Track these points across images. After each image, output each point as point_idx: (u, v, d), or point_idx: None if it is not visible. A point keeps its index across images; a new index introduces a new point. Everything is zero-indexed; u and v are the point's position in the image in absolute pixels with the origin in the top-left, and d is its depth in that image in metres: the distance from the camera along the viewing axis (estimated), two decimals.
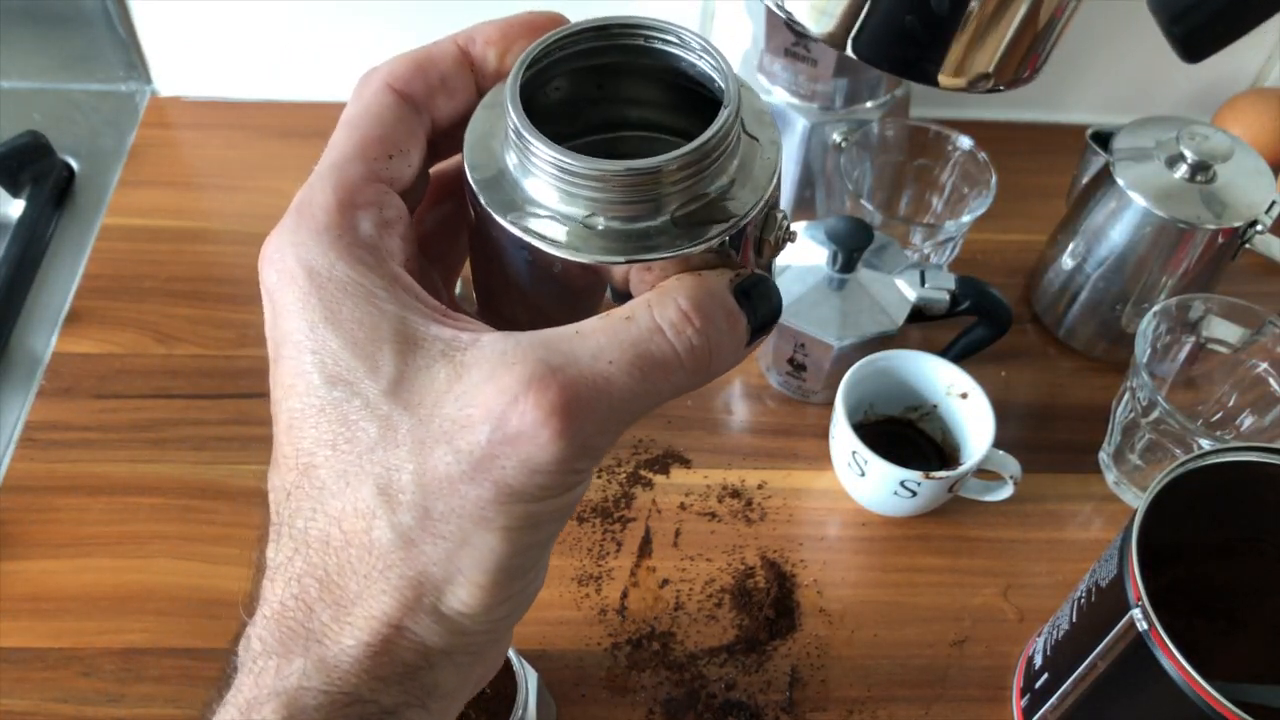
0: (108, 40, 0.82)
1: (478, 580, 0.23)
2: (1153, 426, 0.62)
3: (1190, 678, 0.42)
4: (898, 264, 0.67)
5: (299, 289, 0.24)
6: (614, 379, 0.23)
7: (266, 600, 0.24)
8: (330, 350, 0.24)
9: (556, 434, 0.22)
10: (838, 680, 0.58)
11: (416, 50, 0.28)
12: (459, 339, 0.24)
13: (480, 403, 0.23)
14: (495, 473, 0.22)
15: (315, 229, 0.25)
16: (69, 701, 0.55)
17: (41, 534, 0.61)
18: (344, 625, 0.23)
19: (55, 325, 0.72)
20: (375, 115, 0.26)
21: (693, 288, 0.24)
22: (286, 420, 0.24)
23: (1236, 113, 0.84)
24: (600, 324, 0.24)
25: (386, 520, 0.23)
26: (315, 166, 0.26)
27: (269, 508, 0.25)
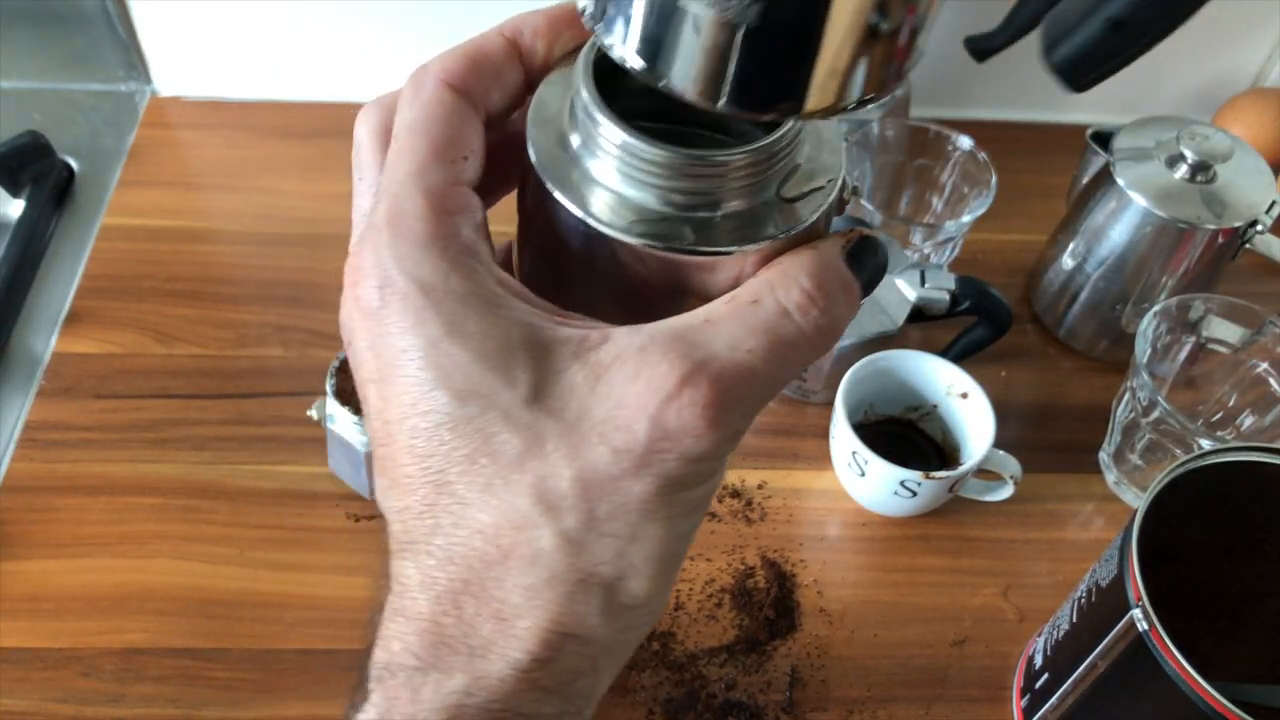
0: (107, 40, 0.82)
1: (648, 571, 0.24)
2: (1153, 426, 0.62)
3: (1190, 678, 0.42)
4: (898, 264, 0.67)
5: (412, 305, 0.24)
6: (755, 367, 0.24)
7: (412, 617, 0.24)
8: (459, 365, 0.23)
9: (711, 424, 0.23)
10: (838, 680, 0.58)
11: (466, 45, 0.27)
12: (588, 338, 0.24)
13: (631, 402, 0.23)
14: (656, 467, 0.23)
15: (417, 241, 0.24)
16: (69, 701, 0.55)
17: (41, 534, 0.61)
18: (509, 638, 0.23)
19: (55, 325, 0.72)
20: (441, 117, 0.26)
21: (812, 265, 0.25)
22: (408, 440, 0.24)
23: (1237, 113, 0.84)
24: (728, 310, 0.24)
25: (550, 528, 0.23)
26: (387, 174, 0.25)
27: (389, 528, 0.25)
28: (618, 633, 0.24)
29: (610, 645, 0.25)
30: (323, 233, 0.77)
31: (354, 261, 0.25)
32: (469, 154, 0.26)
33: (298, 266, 0.75)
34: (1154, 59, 0.88)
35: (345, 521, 0.63)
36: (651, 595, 0.24)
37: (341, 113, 0.86)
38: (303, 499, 0.63)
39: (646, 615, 0.25)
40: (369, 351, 0.24)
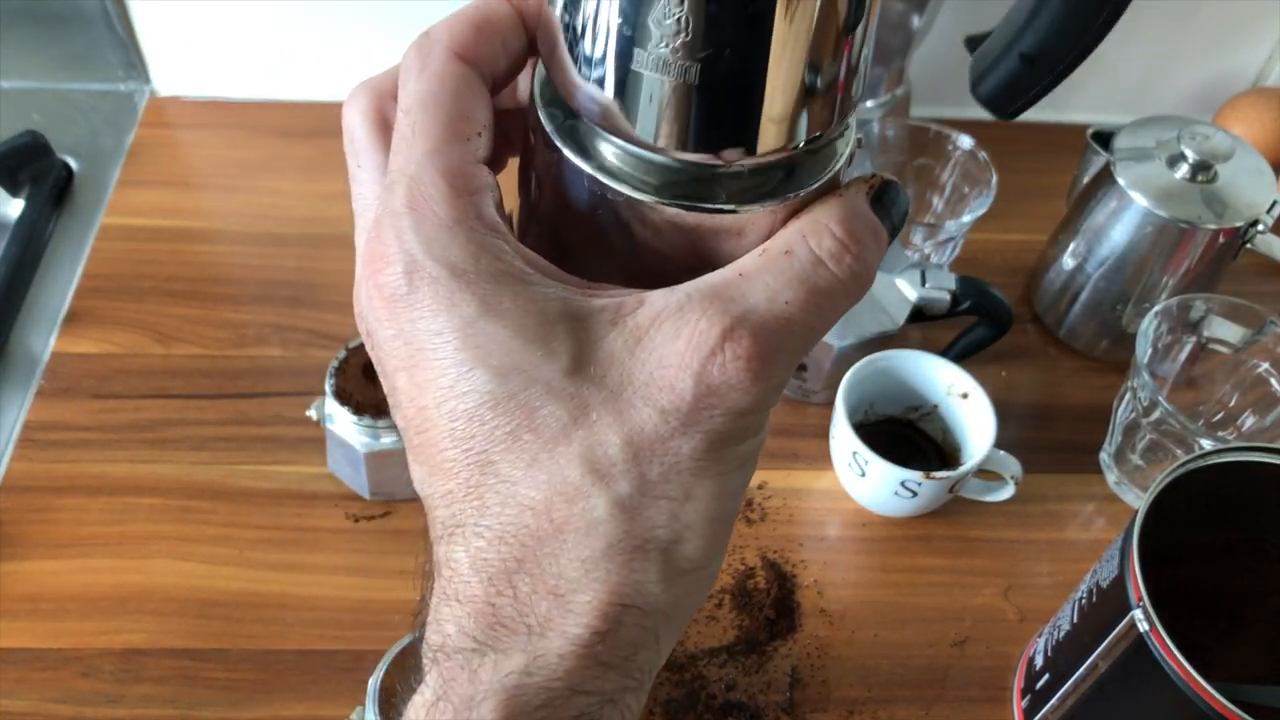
0: (107, 40, 0.82)
1: (704, 531, 0.24)
2: (1154, 427, 0.62)
3: (1191, 678, 0.42)
4: (898, 264, 0.67)
5: (443, 289, 0.23)
6: (793, 317, 0.24)
7: (465, 600, 0.23)
8: (497, 342, 0.23)
9: (756, 377, 0.23)
10: (838, 681, 0.58)
11: (471, 12, 0.26)
12: (624, 305, 0.24)
13: (673, 362, 0.23)
14: (705, 424, 0.23)
15: (442, 224, 0.24)
16: (68, 702, 0.55)
17: (40, 534, 0.61)
18: (567, 614, 0.23)
19: (54, 325, 0.72)
20: (454, 91, 0.25)
21: (842, 212, 0.25)
22: (447, 424, 0.23)
23: (1237, 112, 0.84)
24: (762, 262, 0.24)
25: (603, 496, 0.23)
26: (398, 155, 0.25)
27: (430, 512, 0.25)
28: (677, 599, 0.24)
29: (670, 613, 0.24)
30: (322, 233, 0.77)
31: (373, 248, 0.24)
32: (481, 129, 0.25)
33: (297, 266, 0.75)
34: (1155, 59, 0.88)
35: (344, 521, 0.63)
36: (709, 557, 0.24)
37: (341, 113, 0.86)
38: (302, 499, 0.63)
39: (704, 578, 0.25)
40: (397, 339, 0.24)
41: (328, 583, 0.60)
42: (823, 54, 0.23)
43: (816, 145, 0.25)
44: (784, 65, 0.23)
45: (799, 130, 0.24)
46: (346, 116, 0.27)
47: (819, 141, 0.25)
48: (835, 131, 0.26)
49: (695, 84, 0.23)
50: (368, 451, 0.60)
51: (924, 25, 0.74)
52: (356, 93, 0.27)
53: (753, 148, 0.24)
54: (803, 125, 0.24)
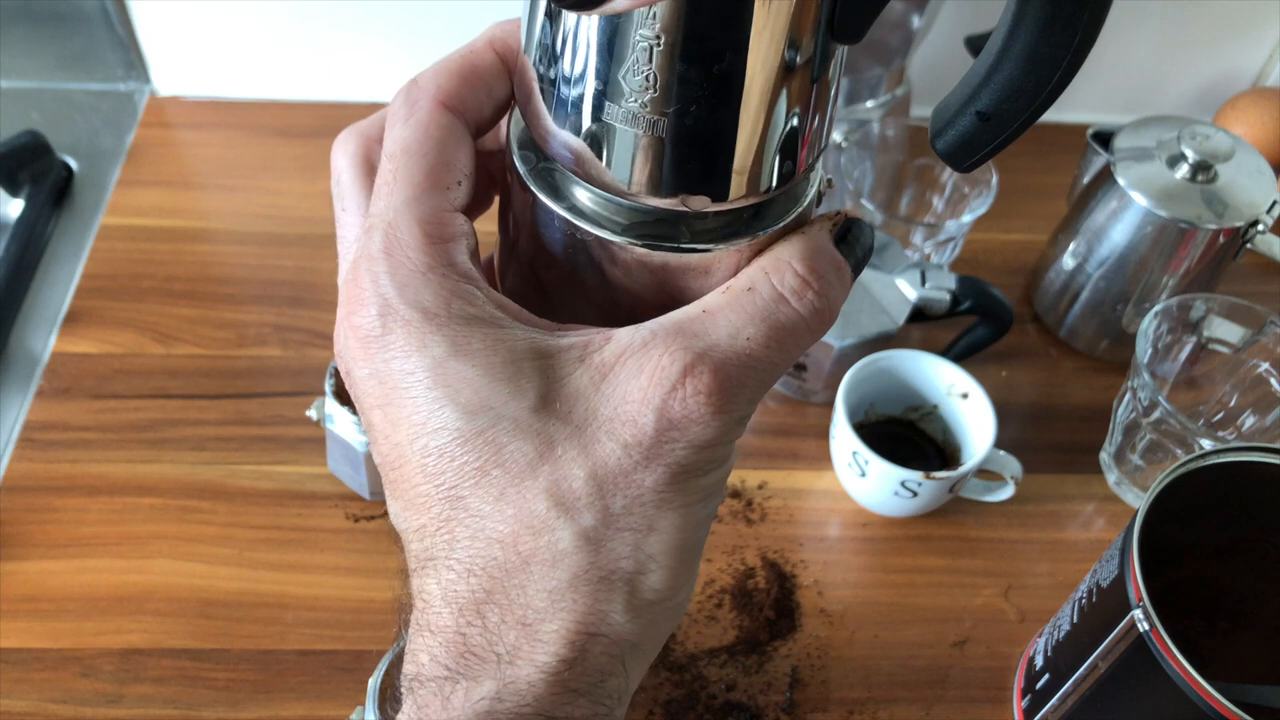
0: (107, 39, 0.82)
1: (667, 563, 0.24)
2: (1154, 427, 0.62)
3: (1191, 678, 0.42)
4: (898, 264, 0.67)
5: (415, 331, 0.24)
6: (755, 352, 0.24)
7: (436, 630, 0.24)
8: (466, 381, 0.24)
9: (717, 411, 0.24)
10: (838, 681, 0.58)
11: (458, 61, 0.27)
12: (591, 342, 0.24)
13: (636, 397, 0.23)
14: (666, 457, 0.24)
15: (415, 269, 0.24)
16: (68, 702, 0.55)
17: (40, 534, 0.61)
18: (535, 642, 0.24)
19: (54, 325, 0.72)
20: (437, 140, 0.26)
21: (804, 249, 0.25)
22: (419, 459, 0.24)
23: (1238, 112, 0.84)
24: (725, 300, 0.25)
25: (568, 528, 0.23)
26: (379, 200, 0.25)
27: (405, 546, 0.25)
28: (643, 629, 0.25)
29: (637, 643, 0.25)
30: (322, 233, 0.77)
31: (350, 291, 0.25)
32: (461, 178, 0.26)
33: (297, 266, 0.75)
34: (1155, 59, 0.88)
35: (344, 521, 0.63)
36: (673, 588, 0.25)
37: (341, 113, 0.86)
38: (302, 499, 0.63)
39: (670, 611, 0.25)
40: (372, 379, 0.25)
41: (328, 583, 0.60)
42: (788, 108, 0.24)
43: (783, 190, 0.26)
44: (749, 120, 0.24)
45: (765, 179, 0.25)
46: (334, 159, 0.28)
47: (785, 186, 0.26)
48: (801, 176, 0.26)
49: (664, 136, 0.23)
50: (368, 451, 0.60)
51: (924, 25, 0.74)
52: (344, 137, 0.28)
53: (720, 196, 0.25)
54: (769, 174, 0.25)
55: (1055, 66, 0.22)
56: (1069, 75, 0.23)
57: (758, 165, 0.24)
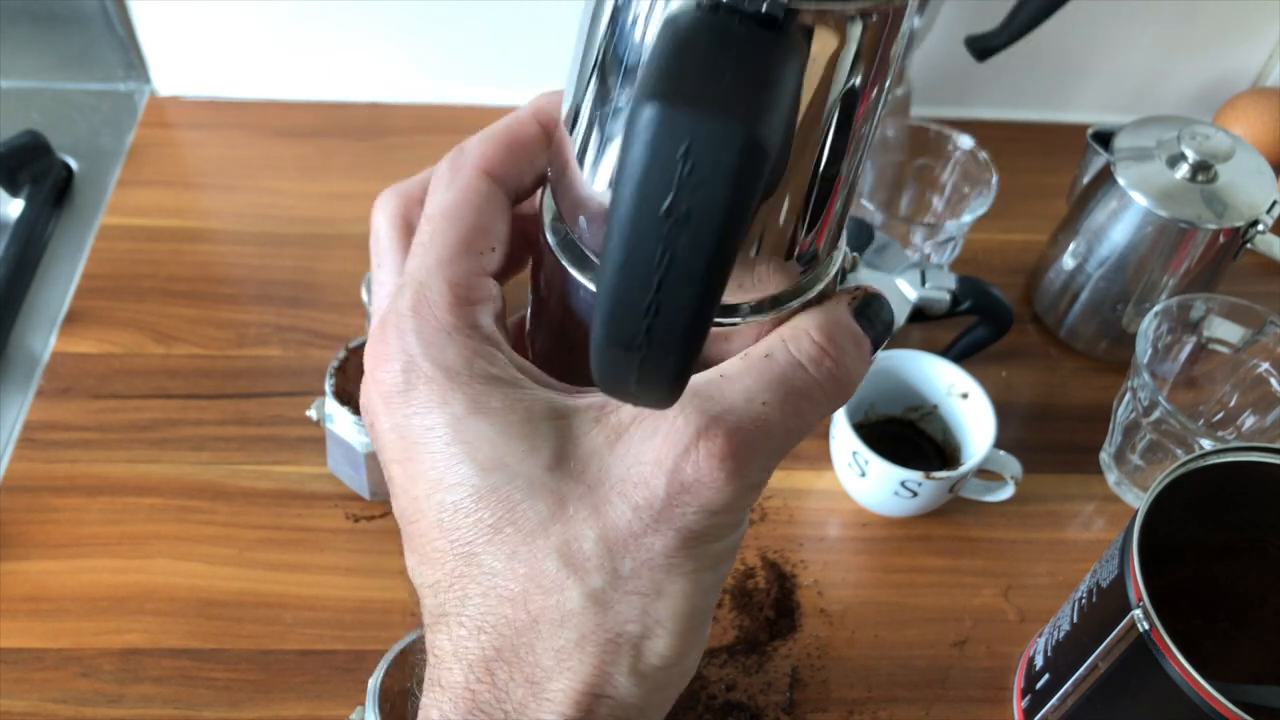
0: (107, 39, 0.82)
1: (674, 628, 0.24)
2: (1154, 427, 0.62)
3: (1191, 678, 0.42)
4: (898, 264, 0.67)
5: (437, 388, 0.24)
6: (770, 418, 0.24)
7: (447, 686, 0.24)
8: (484, 438, 0.24)
9: (730, 476, 0.23)
10: (838, 681, 0.58)
11: (503, 130, 0.28)
12: (607, 404, 0.25)
13: (649, 458, 0.23)
14: (677, 520, 0.23)
15: (440, 329, 0.25)
16: (68, 702, 0.55)
17: (40, 534, 0.61)
18: (542, 701, 0.24)
19: (54, 325, 0.72)
20: (475, 206, 0.26)
21: (822, 320, 0.26)
22: (436, 514, 0.24)
23: (1238, 112, 0.84)
24: (742, 366, 0.25)
25: (577, 589, 0.23)
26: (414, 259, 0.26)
27: (421, 602, 0.26)
28: (648, 693, 0.25)
29: (643, 707, 0.25)
30: (322, 232, 0.77)
31: (376, 346, 0.25)
32: (496, 244, 0.27)
33: (297, 266, 0.75)
34: (1155, 58, 0.88)
35: (344, 521, 0.63)
36: (680, 654, 0.25)
37: (341, 113, 0.86)
38: (302, 499, 0.63)
39: (676, 676, 0.25)
40: (393, 433, 0.25)
41: (328, 583, 0.60)
42: (811, 204, 0.24)
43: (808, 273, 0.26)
44: (775, 216, 0.24)
45: (789, 274, 0.25)
46: (375, 218, 0.29)
47: (808, 271, 0.26)
48: (824, 259, 0.26)
49: None
50: (368, 451, 0.60)
51: (924, 25, 0.74)
52: (386, 196, 0.29)
53: (743, 284, 0.25)
54: (793, 270, 0.25)
55: None
56: None
57: (782, 254, 0.25)
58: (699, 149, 0.18)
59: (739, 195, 0.18)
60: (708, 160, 0.18)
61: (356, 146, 0.83)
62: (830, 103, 0.22)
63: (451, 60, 0.85)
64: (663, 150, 0.18)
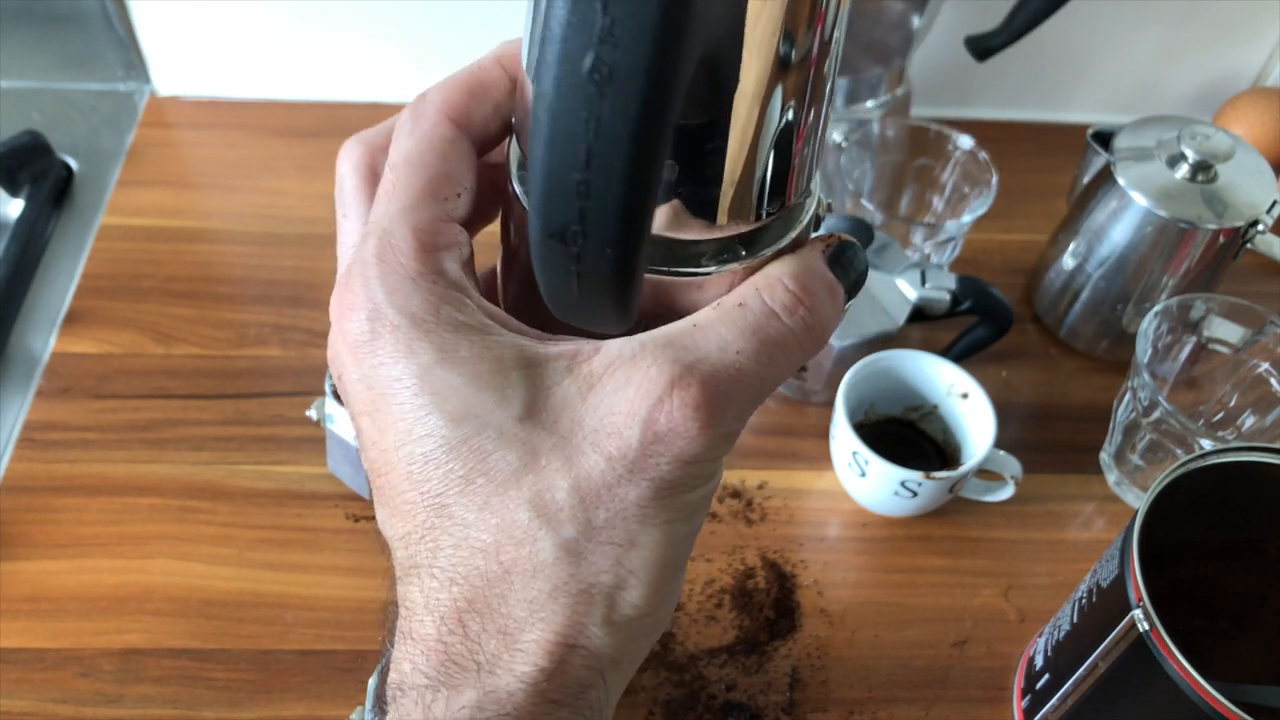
0: (106, 39, 0.82)
1: (647, 579, 0.24)
2: (1154, 427, 0.62)
3: (1191, 678, 0.42)
4: (898, 264, 0.67)
5: (403, 336, 0.24)
6: (744, 367, 0.24)
7: (418, 639, 0.24)
8: (453, 388, 0.24)
9: (703, 426, 0.23)
10: (838, 681, 0.58)
11: (466, 76, 0.27)
12: (580, 352, 0.24)
13: (622, 409, 0.23)
14: (650, 471, 0.23)
15: (406, 276, 0.25)
16: (68, 702, 0.55)
17: (40, 534, 0.61)
18: (515, 652, 0.23)
19: (54, 325, 0.72)
20: (439, 152, 0.26)
21: (796, 268, 0.25)
22: (405, 466, 0.24)
23: (1238, 112, 0.84)
24: (715, 315, 0.25)
25: (550, 539, 0.23)
26: (378, 207, 0.26)
27: (391, 554, 0.25)
28: (621, 643, 0.24)
29: (616, 658, 0.24)
30: (322, 233, 0.77)
31: (342, 296, 0.25)
32: (461, 190, 0.26)
33: (297, 266, 0.75)
34: (1155, 58, 0.88)
35: (345, 521, 0.63)
36: (653, 604, 0.24)
37: (341, 113, 0.86)
38: (302, 499, 0.63)
39: (649, 626, 0.25)
40: (361, 384, 0.25)
41: (328, 583, 0.60)
42: (781, 139, 0.24)
43: (777, 216, 0.26)
44: (741, 151, 0.23)
45: (758, 207, 0.25)
46: (339, 166, 0.29)
47: (778, 214, 0.26)
48: (795, 202, 0.26)
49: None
50: None
51: (924, 25, 0.74)
52: (349, 144, 0.29)
53: (713, 223, 0.25)
54: (762, 202, 0.25)
55: None
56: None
57: (750, 194, 0.24)
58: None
59: (663, 49, 0.18)
60: (627, 11, 0.17)
61: None
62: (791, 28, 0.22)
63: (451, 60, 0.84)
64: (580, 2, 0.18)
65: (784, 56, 0.22)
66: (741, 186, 0.24)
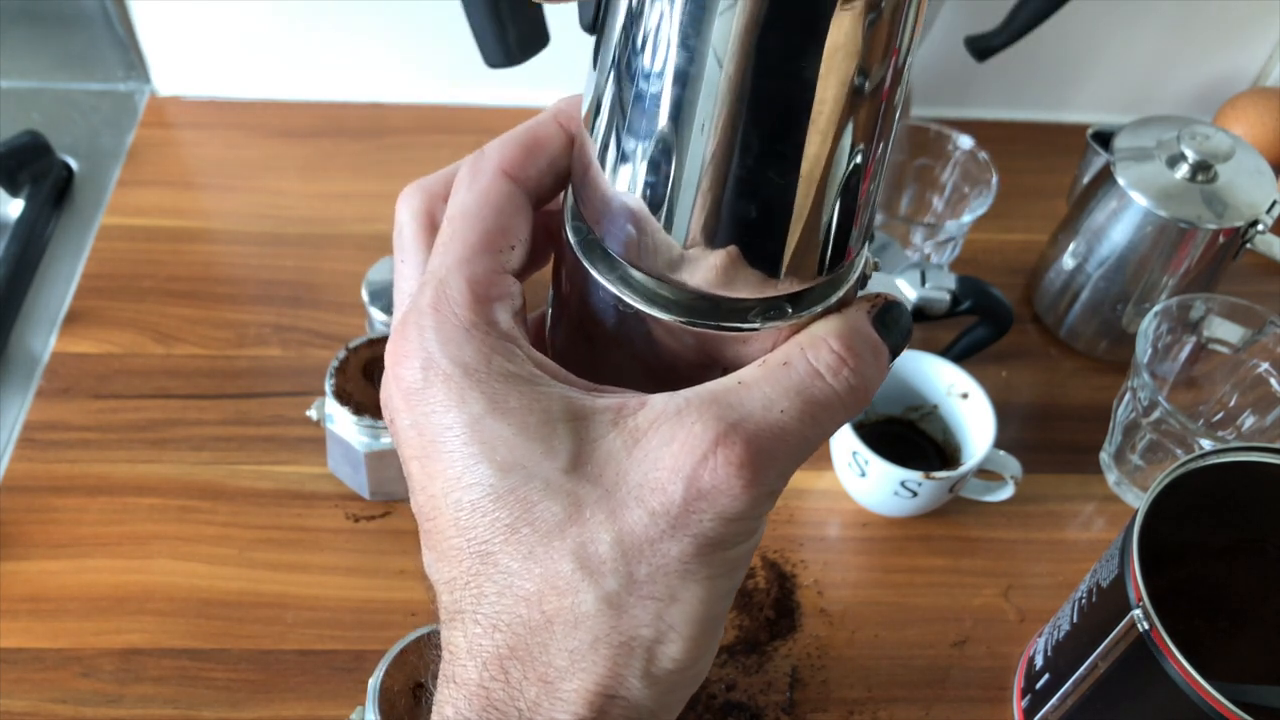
0: (107, 40, 0.82)
1: (688, 634, 0.24)
2: (1154, 427, 0.62)
3: (1191, 678, 0.42)
4: (898, 264, 0.67)
5: (455, 385, 0.24)
6: (788, 426, 0.24)
7: (461, 683, 0.25)
8: (502, 439, 0.24)
9: (747, 484, 0.23)
10: (838, 681, 0.58)
11: (523, 132, 0.28)
12: (625, 406, 0.25)
13: (667, 464, 0.23)
14: (694, 527, 0.24)
15: (459, 326, 0.25)
16: (68, 702, 0.55)
17: (40, 534, 0.61)
18: (555, 701, 0.24)
19: (54, 325, 0.72)
20: (495, 206, 0.27)
21: (841, 328, 0.26)
22: (453, 513, 0.24)
23: (1237, 112, 0.84)
24: (761, 373, 0.25)
25: (592, 591, 0.24)
26: (435, 258, 0.26)
27: (437, 598, 0.26)
28: (660, 696, 0.25)
29: (655, 709, 0.25)
30: (322, 232, 0.77)
31: (397, 343, 0.26)
32: (515, 243, 0.27)
33: (297, 266, 0.75)
34: (1155, 58, 0.88)
35: (345, 521, 0.63)
36: (692, 658, 0.25)
37: (341, 113, 0.86)
38: (302, 499, 0.63)
39: (689, 679, 0.25)
40: (412, 430, 0.25)
41: (328, 583, 0.60)
42: (837, 204, 0.24)
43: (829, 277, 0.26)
44: (797, 226, 0.24)
45: (809, 270, 0.25)
46: (399, 213, 0.29)
47: (829, 275, 0.26)
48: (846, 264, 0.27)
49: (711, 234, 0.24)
50: (368, 451, 0.60)
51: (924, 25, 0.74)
52: (410, 190, 0.29)
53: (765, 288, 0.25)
54: (813, 266, 0.25)
55: None
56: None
57: (802, 259, 0.25)
58: None
59: None
60: None
61: (356, 146, 0.84)
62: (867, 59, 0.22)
63: (451, 60, 0.85)
64: None
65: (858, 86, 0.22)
66: (796, 256, 0.25)
